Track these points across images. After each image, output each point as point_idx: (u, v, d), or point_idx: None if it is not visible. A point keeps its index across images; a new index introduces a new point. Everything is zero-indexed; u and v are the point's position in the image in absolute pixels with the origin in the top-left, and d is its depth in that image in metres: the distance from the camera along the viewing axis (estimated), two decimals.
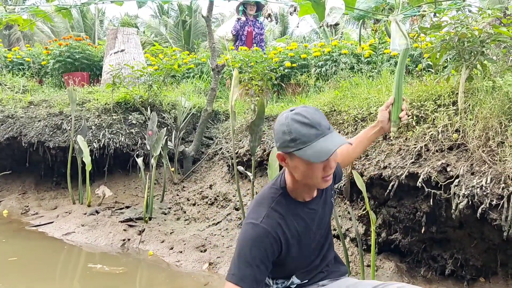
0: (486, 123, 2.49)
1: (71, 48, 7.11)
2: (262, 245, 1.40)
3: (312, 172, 1.41)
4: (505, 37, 2.70)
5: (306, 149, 1.36)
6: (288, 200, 1.51)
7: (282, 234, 1.45)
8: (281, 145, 1.41)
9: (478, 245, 2.75)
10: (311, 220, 1.56)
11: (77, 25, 21.28)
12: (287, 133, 1.38)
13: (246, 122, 4.67)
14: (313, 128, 1.36)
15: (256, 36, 7.31)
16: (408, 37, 2.02)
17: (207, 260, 3.52)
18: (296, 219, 1.50)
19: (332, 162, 1.41)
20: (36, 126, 5.21)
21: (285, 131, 1.38)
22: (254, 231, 1.41)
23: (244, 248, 1.40)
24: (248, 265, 1.38)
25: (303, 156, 1.36)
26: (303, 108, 1.42)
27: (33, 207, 5.06)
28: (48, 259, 3.62)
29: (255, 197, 1.57)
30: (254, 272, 1.38)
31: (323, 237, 1.67)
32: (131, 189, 5.08)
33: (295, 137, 1.36)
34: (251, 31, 7.30)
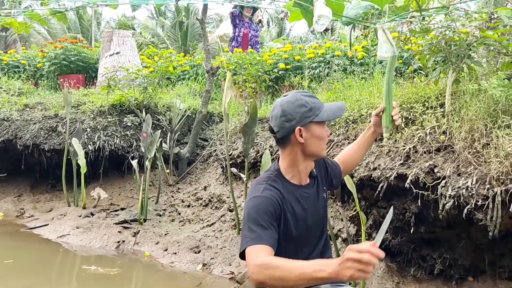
0: (472, 125, 2.54)
1: (67, 51, 7.14)
2: (266, 209, 1.52)
3: (324, 135, 1.65)
4: (491, 41, 2.75)
5: (322, 113, 1.61)
6: (283, 180, 1.65)
7: (281, 203, 1.58)
8: (299, 119, 1.59)
9: (466, 245, 2.79)
10: (307, 204, 1.67)
11: (74, 26, 21.26)
12: (303, 105, 1.59)
13: (240, 124, 4.71)
14: (317, 98, 1.65)
15: (252, 38, 7.34)
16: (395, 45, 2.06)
17: (201, 261, 3.56)
18: (291, 198, 1.63)
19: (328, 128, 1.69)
20: (32, 129, 5.24)
21: (301, 104, 1.60)
22: (257, 200, 1.55)
23: (251, 216, 1.52)
24: (260, 226, 1.48)
25: (322, 118, 1.61)
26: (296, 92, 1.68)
27: (28, 210, 5.09)
28: (43, 262, 3.64)
29: (252, 183, 1.72)
30: (268, 231, 1.48)
31: (318, 231, 1.73)
32: (127, 191, 5.11)
33: (311, 107, 1.60)
34: (247, 33, 7.33)
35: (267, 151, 3.62)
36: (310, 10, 2.31)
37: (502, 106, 2.50)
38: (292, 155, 1.64)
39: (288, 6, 2.52)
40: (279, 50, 6.20)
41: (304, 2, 2.33)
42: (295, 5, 2.40)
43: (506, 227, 2.43)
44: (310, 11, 2.30)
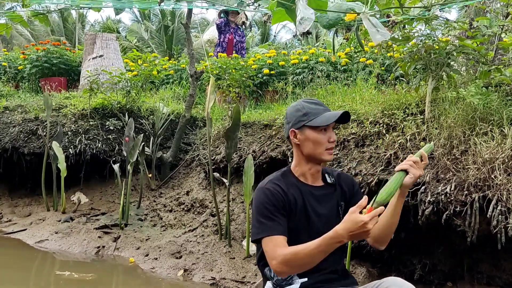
0: (451, 132, 2.58)
1: (49, 53, 7.03)
2: (271, 200, 1.63)
3: (320, 141, 1.68)
4: (470, 50, 2.80)
5: (316, 119, 1.67)
6: (290, 176, 1.74)
7: (284, 195, 1.66)
8: (294, 122, 1.71)
9: (445, 251, 2.83)
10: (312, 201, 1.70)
11: (58, 29, 21.00)
12: (300, 110, 1.71)
13: (224, 129, 4.70)
14: (321, 106, 1.72)
15: (237, 44, 7.34)
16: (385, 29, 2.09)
17: (182, 267, 3.52)
18: (295, 191, 1.70)
19: (332, 135, 1.69)
20: (11, 132, 5.14)
21: (298, 108, 1.71)
22: (262, 192, 1.67)
23: (258, 207, 1.64)
24: (269, 218, 1.60)
25: (314, 123, 1.66)
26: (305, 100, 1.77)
27: (6, 214, 4.98)
28: (19, 267, 3.56)
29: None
30: (277, 221, 1.60)
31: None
32: (108, 195, 5.04)
33: (307, 112, 1.69)
34: (232, 39, 7.33)
35: (249, 156, 3.62)
36: (293, 9, 2.33)
37: (480, 113, 2.55)
38: (296, 155, 1.76)
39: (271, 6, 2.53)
40: (263, 56, 6.22)
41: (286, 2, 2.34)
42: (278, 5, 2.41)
43: (484, 233, 2.46)
44: (293, 10, 2.32)
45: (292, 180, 1.73)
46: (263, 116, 4.63)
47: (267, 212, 1.62)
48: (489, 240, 2.59)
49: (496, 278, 2.71)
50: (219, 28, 7.44)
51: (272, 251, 1.56)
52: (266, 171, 3.98)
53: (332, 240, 1.45)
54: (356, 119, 3.39)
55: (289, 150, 3.67)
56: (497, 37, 3.07)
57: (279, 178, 1.73)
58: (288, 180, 1.73)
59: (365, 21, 2.24)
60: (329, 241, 1.45)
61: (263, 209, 1.63)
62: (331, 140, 1.69)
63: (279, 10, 2.56)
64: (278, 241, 1.56)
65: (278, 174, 1.76)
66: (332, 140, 1.70)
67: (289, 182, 1.72)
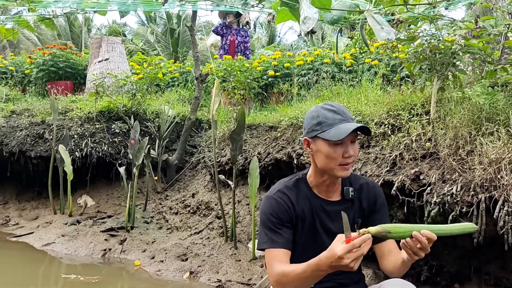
0: (456, 132, 2.56)
1: (55, 57, 7.09)
2: (276, 212, 1.58)
3: (332, 155, 1.53)
4: (475, 49, 2.78)
5: (330, 130, 1.52)
6: (304, 186, 1.64)
7: (292, 208, 1.60)
8: (308, 130, 1.59)
9: (452, 252, 2.80)
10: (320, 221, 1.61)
11: (64, 33, 21.18)
12: (315, 118, 1.56)
13: (229, 131, 4.70)
14: (339, 115, 1.54)
15: (239, 45, 7.35)
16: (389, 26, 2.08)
17: (188, 269, 3.52)
18: (307, 205, 1.61)
19: (350, 149, 1.52)
20: (18, 136, 5.18)
21: (314, 116, 1.57)
22: (268, 201, 1.61)
23: (263, 217, 1.60)
24: (272, 230, 1.56)
25: (326, 136, 1.51)
26: (331, 102, 1.63)
27: (14, 218, 5.02)
28: (26, 271, 3.58)
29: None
30: (280, 233, 1.55)
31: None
32: (114, 198, 5.06)
33: (321, 121, 1.54)
34: (234, 40, 7.34)
35: (255, 158, 3.61)
36: (296, 8, 2.34)
37: (486, 113, 2.53)
38: (312, 163, 1.64)
39: (275, 6, 2.53)
40: (269, 57, 6.22)
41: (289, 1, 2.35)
42: (282, 4, 2.41)
43: (491, 234, 2.44)
44: (297, 9, 2.32)
45: (305, 191, 1.63)
46: (269, 118, 4.63)
47: (270, 224, 1.57)
48: (496, 241, 2.56)
49: (503, 279, 2.68)
50: (217, 33, 7.56)
51: (270, 264, 1.52)
52: (271, 173, 3.98)
53: (316, 267, 1.34)
54: (361, 120, 3.37)
55: (294, 152, 3.66)
56: (503, 36, 3.04)
57: (291, 187, 1.63)
58: (300, 190, 1.63)
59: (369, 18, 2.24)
60: (313, 268, 1.35)
61: (267, 220, 1.58)
62: (346, 155, 1.52)
63: (283, 10, 2.56)
64: (277, 255, 1.52)
65: (291, 182, 1.66)
66: (348, 155, 1.52)
67: (301, 193, 1.62)
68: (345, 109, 1.57)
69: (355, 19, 2.76)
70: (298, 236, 1.61)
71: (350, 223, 1.58)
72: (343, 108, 1.57)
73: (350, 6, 2.72)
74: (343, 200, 1.64)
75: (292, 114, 4.10)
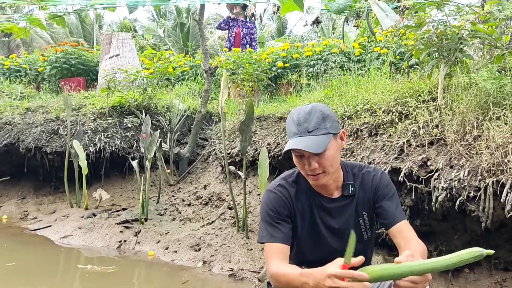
0: (463, 118, 2.56)
1: (67, 54, 7.20)
2: (275, 207, 1.59)
3: (298, 165, 1.57)
4: (482, 34, 2.77)
5: (288, 142, 1.53)
6: (303, 182, 1.63)
7: (291, 202, 1.60)
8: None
9: (461, 237, 2.82)
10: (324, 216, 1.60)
11: (76, 30, 21.41)
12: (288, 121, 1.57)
13: (238, 123, 4.74)
14: (295, 127, 1.51)
15: (245, 37, 7.37)
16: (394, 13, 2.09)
17: (201, 259, 3.60)
18: (306, 202, 1.61)
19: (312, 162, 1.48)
20: (33, 132, 5.30)
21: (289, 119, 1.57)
22: (268, 196, 1.62)
23: (263, 212, 1.61)
24: (271, 224, 1.58)
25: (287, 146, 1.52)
26: (304, 106, 1.56)
27: (32, 212, 5.16)
28: (46, 263, 3.69)
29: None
30: (279, 228, 1.56)
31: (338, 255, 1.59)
32: (128, 191, 5.16)
33: (286, 129, 1.58)
34: (239, 32, 7.37)
35: (264, 149, 3.65)
36: None
37: (493, 98, 2.52)
38: None
39: None
40: (277, 49, 6.23)
41: None
42: None
43: (499, 218, 2.45)
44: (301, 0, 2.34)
45: (305, 187, 1.62)
46: (278, 109, 4.66)
47: (269, 218, 1.58)
48: (505, 225, 2.57)
49: None
50: (221, 28, 7.66)
51: (268, 258, 1.54)
52: (281, 163, 4.02)
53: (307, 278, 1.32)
54: (369, 108, 3.38)
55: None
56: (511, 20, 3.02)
57: (291, 182, 1.63)
58: (300, 186, 1.62)
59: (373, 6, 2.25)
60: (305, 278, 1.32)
61: (266, 214, 1.59)
62: (306, 167, 1.51)
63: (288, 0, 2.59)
64: (275, 250, 1.53)
65: (292, 177, 1.64)
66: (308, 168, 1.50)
67: (301, 189, 1.62)
68: (308, 118, 1.49)
69: (360, 7, 2.76)
70: (299, 231, 1.61)
71: (353, 219, 1.59)
72: (304, 118, 1.50)
73: None
74: (342, 196, 1.61)
75: (301, 105, 4.12)
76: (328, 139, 1.48)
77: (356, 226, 1.61)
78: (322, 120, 1.49)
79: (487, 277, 2.77)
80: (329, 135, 1.49)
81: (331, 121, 1.52)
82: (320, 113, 1.50)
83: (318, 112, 1.50)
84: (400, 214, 1.58)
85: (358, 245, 1.58)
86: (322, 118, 1.50)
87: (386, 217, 1.57)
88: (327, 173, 1.52)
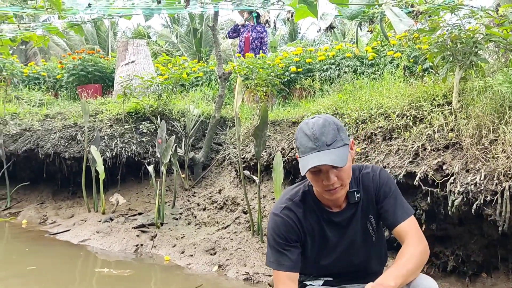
0: (479, 121, 2.56)
1: (84, 62, 7.35)
2: (282, 233, 1.55)
3: (313, 182, 1.51)
4: (497, 38, 2.76)
5: (302, 159, 1.48)
6: (311, 199, 1.60)
7: (299, 225, 1.57)
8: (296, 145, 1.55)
9: (478, 241, 2.80)
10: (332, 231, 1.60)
11: (91, 37, 21.76)
12: (296, 138, 1.54)
13: (253, 128, 4.78)
14: (311, 141, 1.45)
15: (254, 41, 7.42)
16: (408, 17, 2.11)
17: (217, 263, 3.63)
18: (314, 219, 1.59)
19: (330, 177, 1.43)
20: (52, 138, 5.42)
21: (295, 136, 1.54)
22: (275, 221, 1.58)
23: (270, 237, 1.58)
24: (278, 251, 1.55)
25: (300, 164, 1.48)
26: (314, 119, 1.49)
27: (50, 216, 5.26)
28: (65, 267, 3.77)
29: (287, 188, 1.72)
30: (287, 255, 1.54)
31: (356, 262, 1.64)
32: (144, 196, 5.23)
33: (297, 145, 1.52)
34: (248, 37, 7.44)
35: (278, 154, 3.68)
36: (314, 5, 2.39)
37: (509, 102, 2.51)
38: None
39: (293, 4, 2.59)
40: (290, 53, 6.27)
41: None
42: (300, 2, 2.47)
43: None
44: (314, 6, 2.37)
45: (312, 205, 1.59)
46: (291, 113, 4.69)
47: (276, 245, 1.55)
48: None
49: None
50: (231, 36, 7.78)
51: (276, 284, 1.54)
52: (295, 167, 4.04)
53: None
54: (383, 112, 3.39)
55: None
56: None
57: (298, 202, 1.59)
58: (307, 204, 1.59)
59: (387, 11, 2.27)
60: None
61: (273, 240, 1.56)
62: (325, 183, 1.45)
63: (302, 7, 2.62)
64: (282, 278, 1.53)
65: (298, 196, 1.60)
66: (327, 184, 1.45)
67: (308, 207, 1.59)
68: (324, 131, 1.44)
69: (373, 12, 2.78)
70: (310, 248, 1.61)
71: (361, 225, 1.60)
72: (320, 131, 1.44)
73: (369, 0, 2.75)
74: (348, 205, 1.59)
75: (315, 109, 4.15)
76: (346, 151, 1.46)
77: (365, 231, 1.62)
78: (338, 132, 1.46)
79: (504, 282, 2.75)
80: (346, 146, 1.47)
81: (344, 131, 1.50)
82: (334, 124, 1.47)
83: (332, 124, 1.47)
84: (401, 213, 1.56)
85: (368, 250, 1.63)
86: (337, 130, 1.47)
87: (387, 218, 1.57)
88: (345, 186, 1.50)
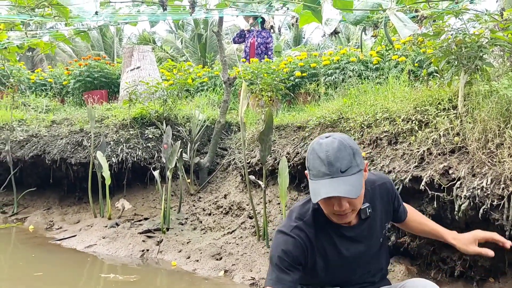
0: (485, 125, 2.55)
1: (90, 68, 7.40)
2: (292, 252, 1.50)
3: (323, 205, 1.47)
4: (502, 42, 2.76)
5: (313, 182, 1.43)
6: (321, 218, 1.54)
7: (309, 246, 1.52)
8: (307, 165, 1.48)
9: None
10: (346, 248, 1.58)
11: (97, 44, 21.92)
12: (307, 159, 1.47)
13: (258, 132, 4.79)
14: (324, 166, 1.38)
15: (259, 46, 7.45)
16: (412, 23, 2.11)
17: (223, 268, 3.64)
18: (326, 236, 1.55)
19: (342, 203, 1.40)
20: (59, 144, 5.46)
21: (307, 156, 1.46)
22: (283, 239, 1.52)
23: (274, 255, 1.52)
24: (280, 269, 1.49)
25: (310, 186, 1.45)
26: (329, 140, 1.42)
27: (57, 222, 5.29)
28: (71, 272, 3.78)
29: (295, 204, 1.65)
30: (287, 275, 1.49)
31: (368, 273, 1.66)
32: (150, 201, 5.25)
33: (309, 166, 1.45)
34: (253, 42, 7.48)
35: (284, 158, 3.69)
36: (319, 11, 2.40)
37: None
38: None
39: (298, 9, 2.60)
40: (295, 58, 6.28)
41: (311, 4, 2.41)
42: (304, 7, 2.48)
43: None
44: (319, 11, 2.38)
45: (323, 224, 1.54)
46: (296, 118, 4.69)
47: (281, 264, 1.50)
48: None
49: None
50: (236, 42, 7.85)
51: None
52: (300, 172, 4.04)
53: None
54: (388, 117, 3.39)
55: None
56: None
57: (309, 222, 1.53)
58: (318, 224, 1.54)
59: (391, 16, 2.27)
60: None
61: (278, 259, 1.50)
62: (335, 208, 1.42)
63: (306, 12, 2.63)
64: None
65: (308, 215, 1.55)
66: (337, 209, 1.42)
67: (319, 226, 1.54)
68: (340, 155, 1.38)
69: (377, 17, 2.79)
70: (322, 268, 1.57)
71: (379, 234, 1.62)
72: (335, 155, 1.37)
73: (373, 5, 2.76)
74: (360, 221, 1.57)
75: (320, 114, 4.15)
76: (361, 178, 1.41)
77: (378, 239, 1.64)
78: (353, 157, 1.40)
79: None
80: (361, 173, 1.42)
81: (360, 155, 1.44)
82: (350, 149, 1.40)
83: (348, 148, 1.40)
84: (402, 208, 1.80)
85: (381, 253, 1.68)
86: (353, 154, 1.40)
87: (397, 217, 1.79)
88: (356, 211, 1.48)
